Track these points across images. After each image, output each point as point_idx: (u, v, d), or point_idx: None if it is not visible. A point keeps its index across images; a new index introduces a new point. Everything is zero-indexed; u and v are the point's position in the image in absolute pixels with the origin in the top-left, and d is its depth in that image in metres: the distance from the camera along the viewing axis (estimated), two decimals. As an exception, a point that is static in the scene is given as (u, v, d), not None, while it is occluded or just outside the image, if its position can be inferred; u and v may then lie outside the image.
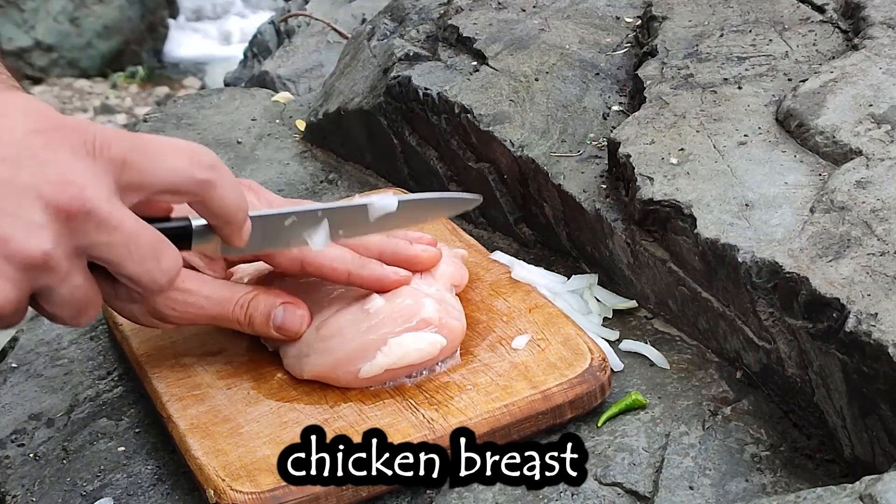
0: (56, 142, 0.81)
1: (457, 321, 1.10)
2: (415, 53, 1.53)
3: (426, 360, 1.07)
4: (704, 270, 1.10)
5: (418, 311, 1.07)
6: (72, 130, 0.83)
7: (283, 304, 1.08)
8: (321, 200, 1.53)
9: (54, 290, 0.83)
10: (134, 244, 0.84)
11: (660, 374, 1.13)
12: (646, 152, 1.20)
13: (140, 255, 0.84)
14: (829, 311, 0.96)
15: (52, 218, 0.80)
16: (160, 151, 0.86)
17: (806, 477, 1.00)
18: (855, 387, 0.95)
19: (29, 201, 0.79)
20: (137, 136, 0.87)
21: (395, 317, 1.07)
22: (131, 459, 1.10)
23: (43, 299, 0.84)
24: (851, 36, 1.36)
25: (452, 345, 1.09)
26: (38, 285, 0.82)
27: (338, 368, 1.07)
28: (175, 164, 0.87)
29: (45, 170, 0.80)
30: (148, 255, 0.85)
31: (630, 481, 1.00)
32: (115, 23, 7.23)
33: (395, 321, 1.07)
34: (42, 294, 0.83)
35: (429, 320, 1.07)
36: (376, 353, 1.06)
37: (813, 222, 1.06)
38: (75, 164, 0.81)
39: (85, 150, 0.82)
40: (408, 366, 1.07)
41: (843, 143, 1.15)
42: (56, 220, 0.80)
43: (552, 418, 1.06)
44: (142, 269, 0.85)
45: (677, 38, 1.42)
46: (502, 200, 1.39)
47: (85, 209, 0.80)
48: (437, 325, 1.07)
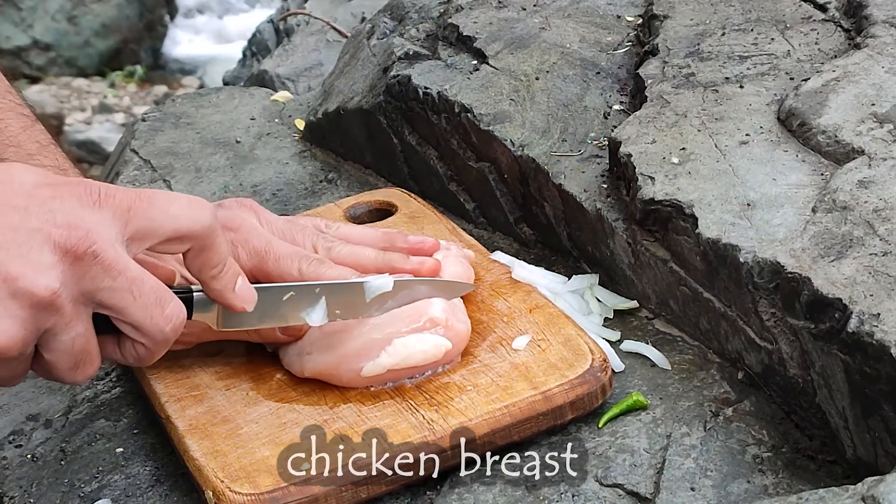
0: (63, 193, 0.86)
1: (462, 324, 1.10)
2: (415, 52, 1.53)
3: (430, 362, 1.07)
4: (706, 270, 1.10)
5: (426, 311, 1.07)
6: (77, 184, 0.87)
7: None
8: (321, 201, 1.53)
9: (57, 335, 0.86)
10: (138, 289, 0.87)
11: (661, 375, 1.13)
12: (647, 152, 1.20)
13: (144, 301, 0.88)
14: (832, 312, 0.96)
15: (59, 259, 0.83)
16: (163, 199, 0.90)
17: (808, 478, 1.00)
18: (857, 387, 0.95)
19: (38, 243, 0.83)
20: (140, 189, 0.91)
21: (402, 315, 1.07)
22: (129, 460, 1.10)
23: (44, 346, 0.87)
24: (854, 35, 1.36)
25: (457, 348, 1.09)
26: (43, 327, 0.85)
27: (340, 366, 1.07)
28: (178, 210, 0.90)
29: (54, 216, 0.84)
30: (152, 301, 0.88)
31: (631, 482, 1.00)
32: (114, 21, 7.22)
33: (402, 320, 1.07)
34: (44, 341, 0.86)
35: (436, 320, 1.07)
36: (380, 352, 1.06)
37: (815, 222, 1.06)
38: (82, 211, 0.85)
39: (91, 200, 0.86)
40: (411, 367, 1.07)
41: (846, 142, 1.15)
42: (63, 261, 0.84)
43: (553, 419, 1.06)
44: (145, 315, 0.88)
45: (678, 36, 1.42)
46: (503, 200, 1.39)
47: (91, 251, 0.84)
48: (443, 326, 1.07)
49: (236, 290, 0.97)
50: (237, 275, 0.97)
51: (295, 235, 1.13)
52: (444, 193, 1.48)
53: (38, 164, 1.12)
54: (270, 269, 1.08)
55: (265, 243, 1.09)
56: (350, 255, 1.13)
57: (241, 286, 0.98)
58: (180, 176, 1.63)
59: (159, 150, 1.70)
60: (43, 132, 1.18)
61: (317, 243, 1.14)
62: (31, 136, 1.16)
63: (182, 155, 1.68)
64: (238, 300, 0.97)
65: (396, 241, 1.18)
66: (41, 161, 1.13)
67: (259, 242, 1.09)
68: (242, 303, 0.98)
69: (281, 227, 1.13)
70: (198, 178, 1.62)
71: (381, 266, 1.13)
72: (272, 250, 1.08)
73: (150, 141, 1.73)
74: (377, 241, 1.17)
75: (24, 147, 1.14)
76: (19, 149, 1.13)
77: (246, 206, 1.13)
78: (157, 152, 1.70)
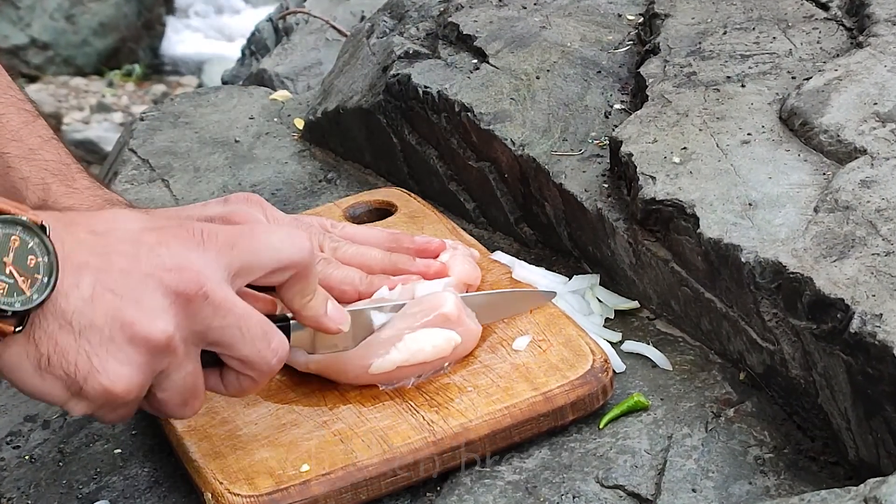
0: (168, 236, 0.89)
1: (474, 322, 1.10)
2: (414, 51, 1.53)
3: (439, 357, 1.07)
4: (707, 271, 1.10)
5: (439, 306, 1.07)
6: (179, 226, 0.91)
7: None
8: (320, 200, 1.53)
9: (170, 375, 0.89)
10: (246, 326, 0.90)
11: (662, 376, 1.13)
12: (648, 151, 1.20)
13: (252, 336, 0.91)
14: (834, 312, 0.96)
15: (171, 302, 0.86)
16: (264, 233, 0.94)
17: (810, 479, 1.00)
18: (859, 388, 0.95)
19: (150, 288, 0.86)
20: (241, 225, 0.95)
21: (414, 311, 1.07)
22: (128, 462, 1.10)
23: (157, 386, 0.90)
24: (856, 33, 1.36)
25: (465, 346, 1.09)
26: (158, 370, 0.88)
27: (348, 362, 1.07)
28: (279, 243, 0.94)
29: (162, 260, 0.87)
30: (259, 337, 0.91)
31: (632, 483, 1.01)
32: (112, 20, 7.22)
33: (414, 316, 1.07)
34: (157, 381, 0.89)
35: (448, 316, 1.07)
36: (390, 348, 1.06)
37: (817, 222, 1.06)
38: (188, 253, 0.88)
39: (195, 242, 0.89)
40: (420, 363, 1.06)
41: (848, 141, 1.15)
42: (175, 304, 0.86)
43: (553, 420, 1.06)
44: (253, 350, 0.92)
45: (680, 35, 1.42)
46: (503, 200, 1.39)
47: (202, 292, 0.87)
48: (455, 323, 1.07)
49: (329, 313, 1.00)
50: (327, 298, 1.00)
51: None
52: (444, 193, 1.48)
53: (41, 158, 1.14)
54: None
55: None
56: (356, 256, 1.14)
57: (333, 309, 1.01)
58: (179, 176, 1.63)
59: (158, 149, 1.70)
60: (45, 127, 1.18)
61: (323, 242, 1.14)
62: (33, 130, 1.16)
63: (181, 154, 1.68)
64: (332, 322, 1.00)
65: (403, 241, 1.18)
66: (43, 156, 1.14)
67: None
68: (337, 325, 1.01)
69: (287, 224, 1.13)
70: (196, 178, 1.62)
71: (387, 267, 1.14)
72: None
73: (148, 140, 1.73)
74: (383, 241, 1.18)
75: (25, 142, 1.14)
76: (21, 144, 1.14)
77: (252, 202, 1.13)
78: (155, 152, 1.70)
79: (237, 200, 1.13)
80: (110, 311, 0.85)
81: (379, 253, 1.15)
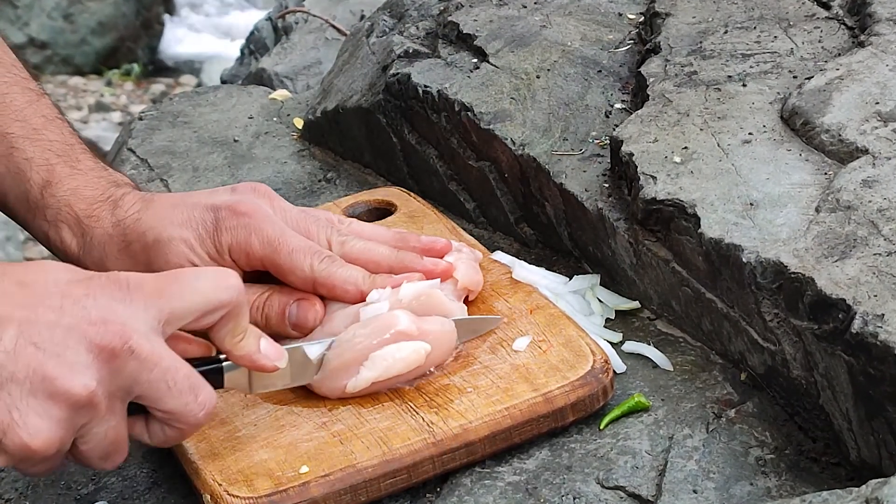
0: (95, 288, 0.88)
1: (438, 324, 1.08)
2: (414, 50, 1.53)
3: (415, 367, 1.06)
4: (708, 271, 1.10)
5: (393, 324, 1.06)
6: (107, 278, 0.90)
7: (297, 300, 1.09)
8: (319, 200, 1.53)
9: (92, 429, 0.88)
10: (173, 379, 0.90)
11: (663, 376, 1.13)
12: (649, 151, 1.20)
13: (178, 389, 0.90)
14: (835, 312, 0.96)
15: (95, 356, 0.86)
16: (190, 277, 0.94)
17: (811, 480, 1.00)
18: (861, 389, 0.95)
19: (74, 342, 0.85)
20: (167, 272, 0.95)
21: (369, 332, 1.06)
22: (126, 463, 1.10)
23: (79, 439, 0.89)
24: (857, 33, 1.36)
25: (441, 349, 1.08)
26: (79, 424, 0.87)
27: (323, 385, 1.06)
28: (206, 284, 0.93)
29: (88, 312, 0.86)
30: (185, 390, 0.91)
31: (633, 485, 1.00)
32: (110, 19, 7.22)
33: (371, 336, 1.06)
34: (78, 434, 0.88)
35: (405, 332, 1.06)
36: (359, 368, 1.05)
37: (818, 222, 1.06)
38: (115, 305, 0.88)
39: (121, 293, 0.89)
40: (395, 376, 1.06)
41: (850, 141, 1.15)
42: (99, 358, 0.86)
43: (554, 421, 1.06)
44: (180, 403, 0.91)
45: (681, 34, 1.42)
46: (503, 200, 1.39)
47: (127, 347, 0.86)
48: (415, 336, 1.06)
49: (262, 350, 0.99)
50: (259, 336, 0.99)
51: (309, 227, 1.13)
52: (443, 193, 1.48)
53: (45, 138, 1.13)
54: (282, 261, 1.08)
55: (279, 233, 1.08)
56: (364, 251, 1.13)
57: (266, 346, 0.99)
58: (177, 175, 1.63)
59: (156, 149, 1.70)
60: (49, 106, 1.18)
61: (331, 237, 1.13)
62: (37, 110, 1.16)
63: (179, 154, 1.68)
64: (267, 360, 0.99)
65: (409, 240, 1.17)
66: (47, 136, 1.13)
67: (273, 232, 1.08)
68: (272, 362, 0.99)
69: (294, 216, 1.13)
70: (195, 178, 1.62)
71: (394, 264, 1.13)
72: (285, 242, 1.08)
73: (147, 140, 1.73)
74: (390, 239, 1.17)
75: (29, 121, 1.14)
76: (25, 123, 1.13)
77: (259, 192, 1.12)
78: (154, 151, 1.70)
79: (244, 190, 1.12)
80: (32, 364, 0.84)
81: (387, 249, 1.14)
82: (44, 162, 1.11)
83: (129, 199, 1.10)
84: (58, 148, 1.13)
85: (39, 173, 1.11)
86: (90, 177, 1.12)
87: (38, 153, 1.12)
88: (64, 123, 1.17)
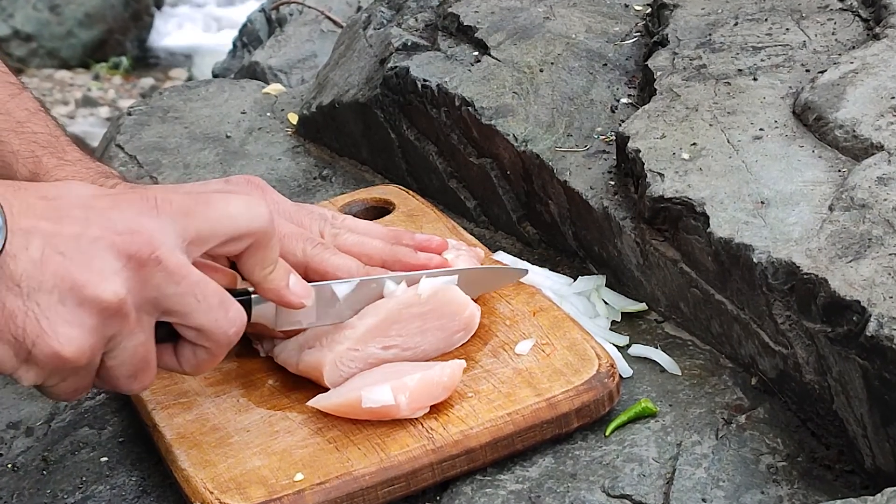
0: (121, 202, 0.89)
1: (420, 375, 1.05)
2: (413, 43, 1.53)
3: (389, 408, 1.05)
4: (718, 271, 1.10)
5: (379, 400, 1.04)
6: (133, 193, 0.91)
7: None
8: (314, 198, 1.54)
9: (121, 342, 0.88)
10: (201, 293, 0.90)
11: (671, 381, 1.14)
12: (656, 147, 1.20)
13: (208, 304, 0.91)
14: (849, 314, 0.96)
15: (123, 265, 0.86)
16: (221, 201, 0.93)
17: (825, 489, 1.00)
18: (876, 394, 0.95)
19: (101, 250, 0.86)
20: (198, 193, 0.95)
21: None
22: (114, 470, 1.10)
23: (107, 354, 0.89)
24: (872, 25, 1.37)
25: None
26: (109, 335, 0.87)
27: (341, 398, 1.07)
28: (236, 210, 0.93)
29: (114, 223, 0.87)
30: (215, 305, 0.91)
31: (639, 493, 1.01)
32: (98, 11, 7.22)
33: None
34: (107, 349, 0.89)
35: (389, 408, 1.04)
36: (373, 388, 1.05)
37: (832, 221, 1.06)
38: (141, 217, 0.88)
39: (148, 207, 0.89)
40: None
41: (864, 137, 1.15)
42: (127, 267, 0.86)
43: (558, 427, 1.06)
44: (210, 319, 0.91)
45: (689, 26, 1.42)
46: (505, 198, 1.39)
47: (154, 257, 0.87)
48: (398, 406, 1.04)
49: (290, 286, 1.00)
50: (289, 272, 1.00)
51: (302, 219, 1.15)
52: (443, 191, 1.48)
53: (29, 130, 1.15)
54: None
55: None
56: (357, 244, 1.14)
57: (295, 283, 1.00)
58: (168, 172, 1.63)
59: (146, 145, 1.70)
60: (31, 100, 1.19)
61: (324, 229, 1.15)
62: (20, 103, 1.17)
63: (170, 150, 1.69)
64: (294, 296, 1.00)
65: (403, 237, 1.18)
66: (32, 128, 1.15)
67: None
68: (299, 298, 1.00)
69: (288, 208, 1.15)
70: (186, 175, 1.62)
71: (387, 258, 1.14)
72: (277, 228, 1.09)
73: (136, 136, 1.73)
74: (383, 235, 1.18)
75: (13, 115, 1.15)
76: (9, 116, 1.15)
77: (254, 184, 1.14)
78: (143, 147, 1.70)
79: (238, 182, 1.14)
80: (60, 272, 0.84)
81: (380, 243, 1.15)
82: (30, 154, 1.13)
83: (119, 190, 1.11)
84: (43, 140, 1.14)
85: (26, 166, 1.12)
86: (78, 167, 1.13)
87: (24, 146, 1.13)
88: (47, 116, 1.18)
